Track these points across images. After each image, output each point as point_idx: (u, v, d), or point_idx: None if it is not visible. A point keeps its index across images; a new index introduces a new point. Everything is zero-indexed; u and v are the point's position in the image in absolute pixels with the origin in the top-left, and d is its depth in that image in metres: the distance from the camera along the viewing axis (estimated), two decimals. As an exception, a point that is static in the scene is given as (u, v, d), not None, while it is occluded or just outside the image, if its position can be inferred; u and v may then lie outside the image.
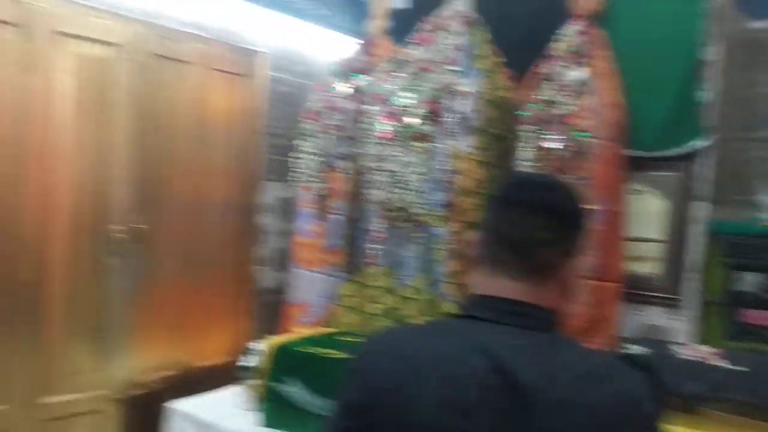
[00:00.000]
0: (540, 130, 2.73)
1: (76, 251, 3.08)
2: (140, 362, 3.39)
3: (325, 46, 4.11)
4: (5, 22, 2.76)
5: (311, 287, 3.49)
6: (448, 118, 2.82)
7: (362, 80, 3.29)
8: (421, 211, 2.87)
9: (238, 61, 3.75)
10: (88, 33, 3.03)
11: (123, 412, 3.30)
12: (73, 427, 3.15)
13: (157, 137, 3.34)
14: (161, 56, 3.33)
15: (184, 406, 3.03)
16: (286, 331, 3.46)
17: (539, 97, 2.78)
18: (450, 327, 1.08)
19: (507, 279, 1.06)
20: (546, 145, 2.67)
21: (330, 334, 3.15)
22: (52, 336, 3.04)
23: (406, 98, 2.87)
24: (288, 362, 2.85)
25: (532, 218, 1.06)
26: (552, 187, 1.13)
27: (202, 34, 3.52)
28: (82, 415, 3.18)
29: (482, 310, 1.05)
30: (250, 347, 3.01)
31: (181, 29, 3.42)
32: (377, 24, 3.47)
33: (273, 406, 2.86)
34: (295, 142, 3.61)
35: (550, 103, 2.73)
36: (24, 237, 2.89)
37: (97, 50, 3.08)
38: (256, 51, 3.81)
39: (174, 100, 3.43)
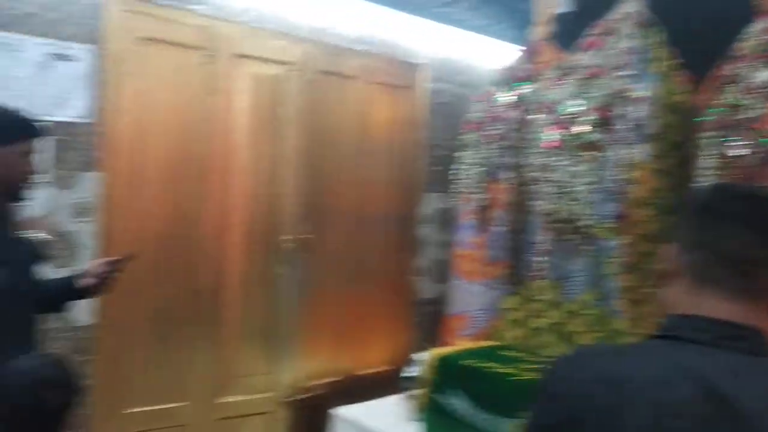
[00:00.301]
0: (723, 136, 2.52)
1: (249, 260, 3.26)
2: (306, 367, 3.51)
3: (486, 55, 4.08)
4: (193, 47, 2.98)
5: (472, 299, 3.45)
6: (620, 125, 2.68)
7: (526, 88, 3.22)
8: (590, 223, 2.75)
9: (400, 73, 3.81)
10: (263, 53, 3.21)
11: (290, 414, 3.43)
12: (244, 426, 3.32)
13: (323, 150, 3.47)
14: (327, 72, 3.45)
15: (348, 412, 3.09)
16: (446, 343, 3.44)
17: (722, 101, 2.57)
18: (652, 349, 0.99)
19: (719, 298, 0.97)
20: (731, 152, 2.47)
21: (493, 348, 3.09)
22: (228, 340, 3.22)
23: (574, 106, 2.77)
24: (450, 374, 2.83)
25: (752, 234, 0.97)
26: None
27: (365, 48, 3.61)
28: (252, 415, 3.34)
29: (689, 331, 0.96)
30: (413, 358, 3.02)
31: (346, 45, 3.52)
32: (540, 30, 3.39)
33: (434, 417, 2.84)
34: (456, 152, 3.60)
35: (736, 107, 2.51)
36: (205, 247, 3.09)
37: (269, 69, 3.25)
38: (416, 63, 3.85)
39: (339, 114, 3.54)
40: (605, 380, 0.95)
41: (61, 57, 2.64)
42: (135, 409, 2.95)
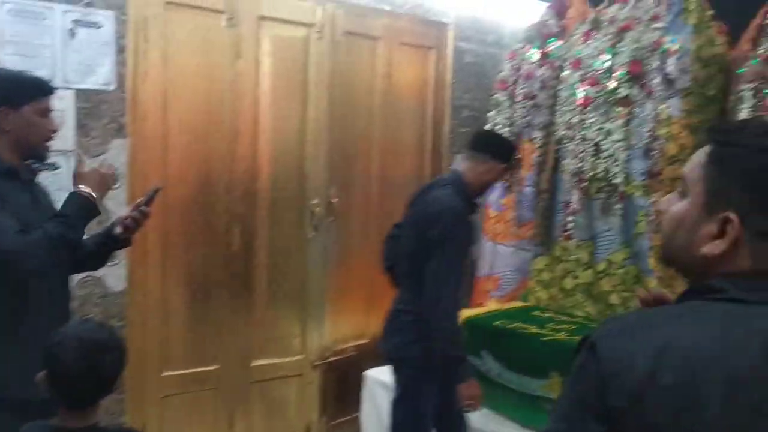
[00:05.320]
0: (762, 87, 2.44)
1: (278, 224, 3.26)
2: (336, 330, 3.53)
3: (515, 13, 3.98)
4: (216, 11, 2.95)
5: (502, 261, 3.44)
6: (652, 79, 2.61)
7: (556, 45, 3.15)
8: (621, 181, 2.71)
9: (425, 33, 3.74)
10: (286, 15, 3.16)
11: (321, 376, 3.47)
12: (277, 388, 3.35)
13: (349, 113, 3.43)
14: (352, 33, 3.39)
15: (379, 373, 3.12)
16: (478, 304, 3.44)
17: (761, 51, 2.49)
18: (715, 312, 0.89)
19: None
20: (770, 104, 2.39)
21: (523, 309, 3.09)
22: (259, 303, 3.25)
23: (605, 61, 2.70)
24: (481, 335, 2.83)
25: None
26: None
27: (390, 8, 3.54)
28: (285, 378, 3.37)
29: (751, 291, 0.89)
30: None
31: (371, 5, 3.46)
32: (570, -16, 3.30)
33: (465, 378, 2.85)
34: (484, 113, 3.55)
35: (775, 57, 2.43)
36: (235, 211, 3.10)
37: (294, 31, 3.21)
38: (443, 22, 3.78)
39: (365, 76, 3.50)
40: (667, 352, 0.85)
41: (86, 24, 2.63)
42: (170, 373, 3.00)
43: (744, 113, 2.44)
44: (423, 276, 2.39)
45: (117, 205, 2.74)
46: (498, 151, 2.50)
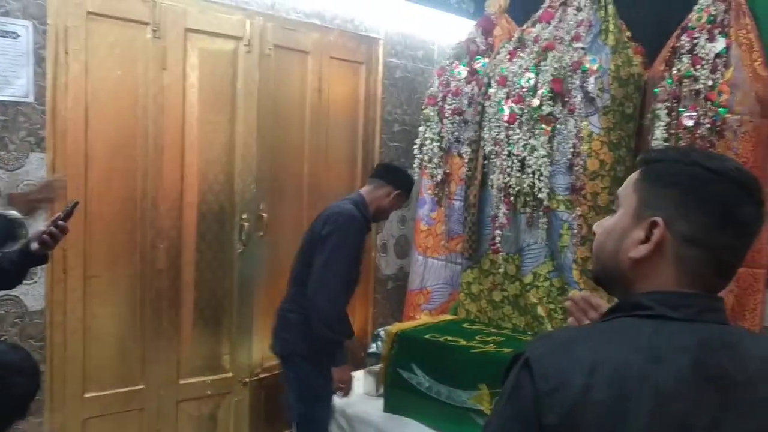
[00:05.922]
0: (676, 107, 2.56)
1: (206, 239, 3.20)
2: (265, 346, 3.46)
3: (443, 30, 4.05)
4: (141, 22, 2.89)
5: (432, 274, 3.47)
6: (574, 97, 2.70)
7: (482, 62, 3.22)
8: (546, 195, 2.77)
9: (356, 48, 3.76)
10: (214, 28, 3.13)
11: (251, 393, 3.41)
12: (205, 407, 3.28)
13: (278, 127, 3.41)
14: (281, 47, 3.38)
15: (310, 389, 3.09)
16: (408, 317, 3.46)
17: (674, 72, 2.60)
18: (643, 330, 0.91)
19: (711, 274, 0.94)
20: (684, 122, 2.50)
21: (453, 321, 3.12)
22: (187, 321, 3.18)
23: (529, 79, 2.77)
24: (411, 349, 2.84)
25: (759, 208, 0.94)
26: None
27: (320, 23, 3.55)
28: (213, 396, 3.31)
29: (677, 308, 0.91)
30: (377, 333, 3.03)
31: (301, 20, 3.46)
32: (496, 3, 3.38)
33: (395, 391, 2.86)
34: (414, 127, 3.58)
35: (687, 78, 2.55)
36: (161, 227, 3.03)
37: (222, 44, 3.17)
38: (373, 37, 3.81)
39: (294, 89, 3.48)
40: (597, 368, 0.87)
41: (2, 34, 2.53)
42: (92, 394, 2.90)
43: (660, 131, 2.54)
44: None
45: (34, 221, 2.64)
46: (395, 179, 2.84)
